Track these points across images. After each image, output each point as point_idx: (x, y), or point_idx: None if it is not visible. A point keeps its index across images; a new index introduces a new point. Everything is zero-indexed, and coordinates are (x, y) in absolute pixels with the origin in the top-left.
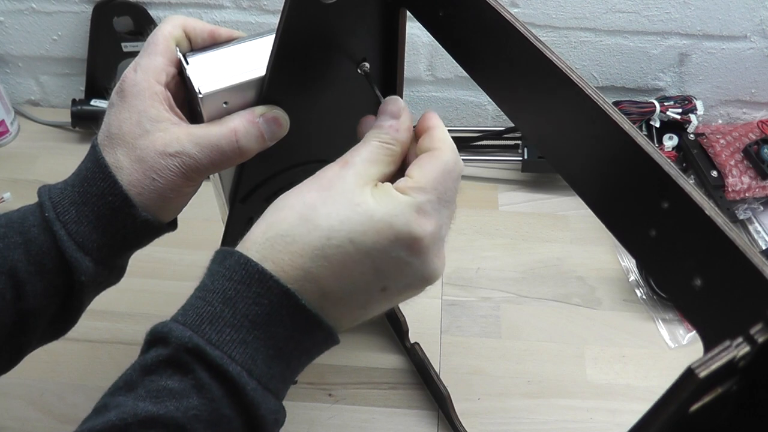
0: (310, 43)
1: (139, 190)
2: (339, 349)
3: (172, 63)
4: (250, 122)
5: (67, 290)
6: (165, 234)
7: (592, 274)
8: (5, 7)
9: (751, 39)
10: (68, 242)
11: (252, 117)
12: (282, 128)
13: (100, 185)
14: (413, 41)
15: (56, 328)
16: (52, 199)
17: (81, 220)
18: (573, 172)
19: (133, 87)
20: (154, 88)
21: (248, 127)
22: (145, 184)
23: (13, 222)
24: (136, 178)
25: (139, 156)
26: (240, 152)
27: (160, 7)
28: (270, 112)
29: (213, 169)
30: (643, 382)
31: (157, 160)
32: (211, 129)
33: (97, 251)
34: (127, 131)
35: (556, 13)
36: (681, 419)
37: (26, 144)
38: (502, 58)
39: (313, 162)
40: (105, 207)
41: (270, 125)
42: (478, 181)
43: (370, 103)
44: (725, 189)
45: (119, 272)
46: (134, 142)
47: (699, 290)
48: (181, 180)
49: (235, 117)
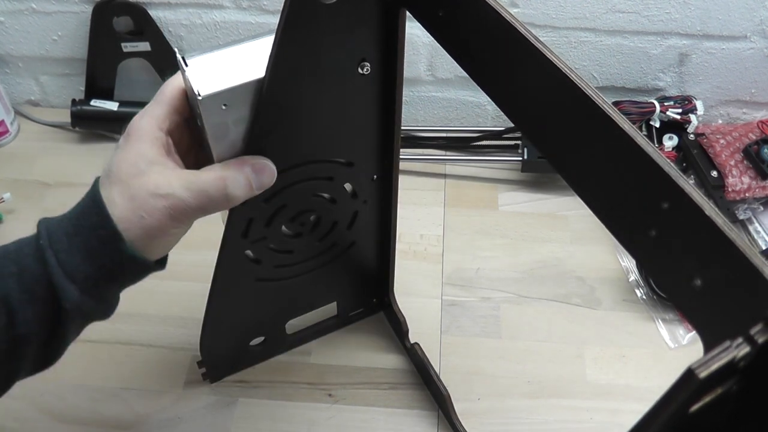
0: (310, 43)
1: (127, 226)
2: (339, 349)
3: (176, 112)
4: (238, 171)
5: (56, 318)
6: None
7: (591, 274)
8: (5, 7)
9: (751, 39)
10: (57, 269)
11: (240, 165)
12: (269, 178)
13: (93, 219)
14: (413, 41)
15: (45, 355)
16: (49, 229)
17: (71, 250)
18: (573, 173)
19: (136, 131)
20: (156, 133)
21: (236, 175)
22: (133, 221)
23: (9, 253)
24: (126, 215)
25: (131, 194)
26: (227, 199)
27: (160, 7)
28: (259, 162)
29: (200, 213)
30: (643, 382)
31: (147, 200)
32: (201, 175)
33: (83, 281)
34: (124, 170)
35: (556, 13)
36: (681, 419)
37: (26, 144)
38: (502, 58)
39: (313, 162)
40: (95, 239)
41: (258, 175)
42: (478, 181)
43: (370, 103)
44: (725, 189)
45: (106, 307)
46: (129, 180)
47: (699, 290)
48: (167, 220)
49: (224, 165)
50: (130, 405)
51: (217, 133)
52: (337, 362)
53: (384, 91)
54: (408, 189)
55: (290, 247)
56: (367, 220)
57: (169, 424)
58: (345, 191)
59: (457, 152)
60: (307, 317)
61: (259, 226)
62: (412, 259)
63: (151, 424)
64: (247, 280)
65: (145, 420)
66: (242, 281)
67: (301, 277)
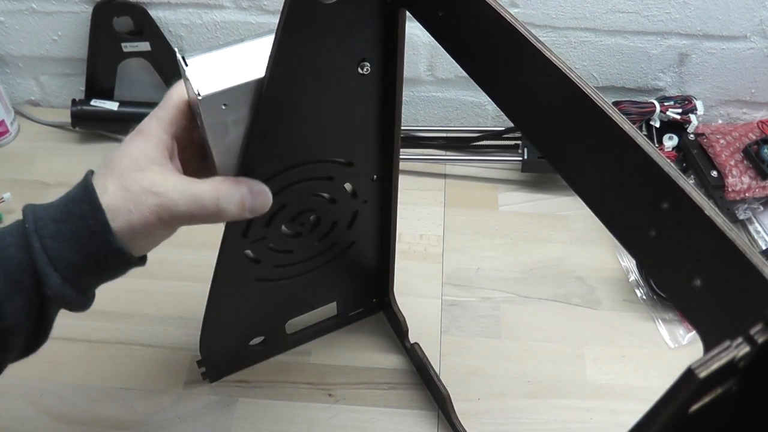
0: (310, 43)
1: (114, 216)
2: (339, 349)
3: (184, 116)
4: (234, 187)
5: (42, 306)
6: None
7: (591, 274)
8: (5, 7)
9: (751, 39)
10: (41, 255)
11: (238, 183)
12: (263, 205)
13: (84, 207)
14: (413, 41)
15: (30, 344)
16: (36, 213)
17: (58, 236)
18: (573, 173)
19: (144, 131)
20: (162, 135)
21: (232, 191)
22: (121, 212)
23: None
24: (115, 205)
25: (124, 185)
26: (218, 211)
27: (160, 7)
28: (257, 185)
29: (187, 220)
30: (643, 382)
31: (139, 194)
32: (197, 182)
33: (67, 269)
34: (124, 162)
35: (556, 13)
36: (681, 419)
37: (26, 144)
38: (502, 58)
39: (313, 162)
40: (84, 228)
41: (254, 197)
42: (478, 181)
43: (370, 103)
44: (725, 189)
45: (85, 300)
46: (125, 173)
47: (699, 290)
48: (154, 219)
49: (223, 179)
50: (130, 405)
51: (217, 133)
52: (337, 362)
53: (384, 91)
54: (408, 189)
55: (290, 246)
56: (367, 220)
57: (169, 424)
58: (345, 191)
59: (457, 152)
60: (307, 317)
61: (258, 225)
62: (412, 259)
63: (151, 424)
64: (246, 280)
65: (145, 420)
66: (242, 281)
67: (301, 277)
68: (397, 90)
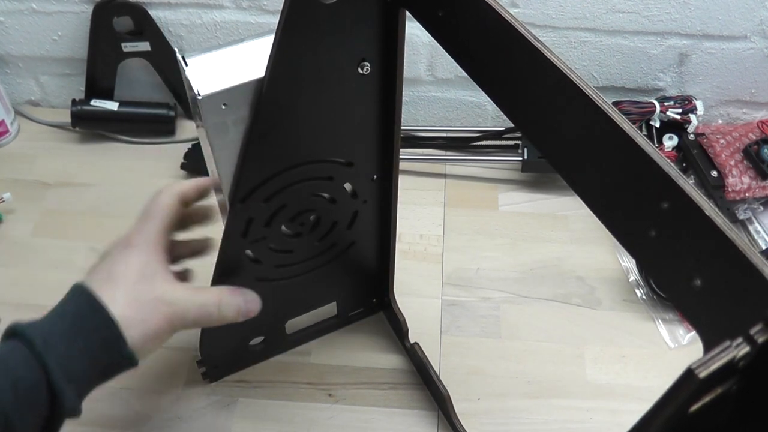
0: (310, 43)
1: (128, 325)
2: (339, 349)
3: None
4: (233, 297)
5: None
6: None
7: (591, 274)
8: (5, 7)
9: (751, 39)
10: (58, 373)
11: (235, 293)
12: (256, 310)
13: (96, 321)
14: (413, 41)
15: None
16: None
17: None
18: (573, 173)
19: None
20: (155, 247)
21: (231, 300)
22: (134, 322)
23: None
24: (129, 315)
25: (136, 297)
26: (219, 316)
27: (160, 7)
28: (250, 295)
29: (193, 324)
30: (643, 382)
31: (153, 304)
32: (201, 291)
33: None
34: (130, 275)
35: (556, 13)
36: (681, 419)
37: (26, 144)
38: (502, 58)
39: (312, 162)
40: (96, 341)
41: (247, 304)
42: (478, 181)
43: (370, 103)
44: (725, 189)
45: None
46: (136, 285)
47: (699, 290)
48: (166, 326)
49: (221, 289)
50: (130, 405)
51: (217, 133)
52: (337, 362)
53: (384, 91)
54: (408, 189)
55: (290, 246)
56: (367, 220)
57: (169, 424)
58: (345, 191)
59: (457, 152)
60: (307, 317)
61: (258, 225)
62: (412, 259)
63: (151, 424)
64: (246, 280)
65: (145, 420)
66: (242, 281)
67: (301, 277)
68: (397, 90)
